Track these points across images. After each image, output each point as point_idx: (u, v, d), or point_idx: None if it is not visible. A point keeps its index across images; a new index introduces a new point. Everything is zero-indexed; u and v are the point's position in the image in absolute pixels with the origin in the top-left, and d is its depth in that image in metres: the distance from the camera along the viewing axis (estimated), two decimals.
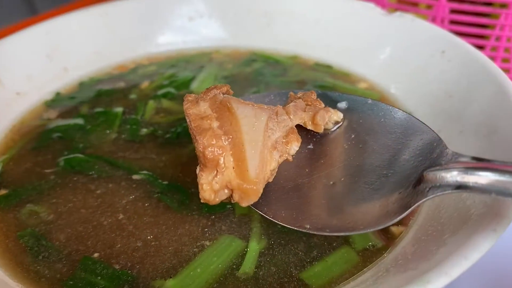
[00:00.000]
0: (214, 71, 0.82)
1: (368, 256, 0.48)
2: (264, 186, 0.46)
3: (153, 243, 0.51)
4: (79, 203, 0.56)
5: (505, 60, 0.85)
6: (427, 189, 0.42)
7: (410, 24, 0.76)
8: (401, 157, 0.49)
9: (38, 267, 0.49)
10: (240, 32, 0.90)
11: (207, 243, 0.50)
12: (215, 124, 0.46)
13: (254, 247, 0.50)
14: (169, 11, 0.89)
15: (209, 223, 0.52)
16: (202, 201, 0.46)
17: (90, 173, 0.60)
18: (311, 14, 0.87)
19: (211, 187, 0.45)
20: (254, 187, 0.45)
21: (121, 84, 0.80)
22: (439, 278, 0.35)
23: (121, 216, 0.54)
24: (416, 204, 0.42)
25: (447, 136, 0.59)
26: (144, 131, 0.67)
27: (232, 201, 0.46)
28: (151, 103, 0.73)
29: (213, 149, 0.44)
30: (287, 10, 0.88)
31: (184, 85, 0.78)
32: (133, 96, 0.76)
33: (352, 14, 0.83)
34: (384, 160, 0.50)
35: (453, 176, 0.40)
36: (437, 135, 0.49)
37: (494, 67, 0.61)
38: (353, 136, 0.55)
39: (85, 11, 0.84)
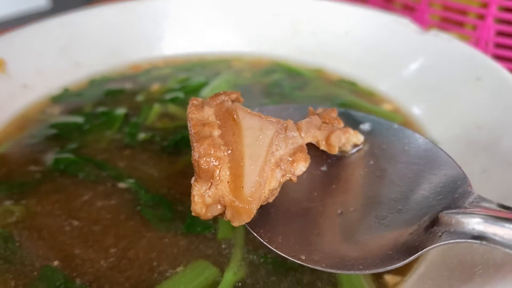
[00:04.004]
0: (229, 78, 0.78)
1: None
2: (259, 207, 0.41)
3: (121, 259, 0.47)
4: (56, 206, 0.53)
5: None
6: (440, 233, 0.37)
7: (445, 45, 0.69)
8: (419, 192, 0.44)
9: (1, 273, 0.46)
10: (264, 39, 0.85)
11: (179, 267, 0.46)
12: (217, 132, 0.42)
13: (230, 277, 0.45)
14: (192, 13, 0.86)
15: (187, 245, 0.48)
16: (193, 214, 0.41)
17: (77, 175, 0.57)
18: (341, 25, 0.82)
19: (203, 200, 0.40)
20: (247, 207, 0.40)
21: (131, 85, 0.77)
22: None
23: (95, 225, 0.50)
24: (425, 250, 0.37)
25: (469, 173, 0.52)
26: (142, 136, 0.64)
27: (225, 219, 0.41)
28: (157, 107, 0.70)
29: (209, 159, 0.40)
30: (315, 19, 0.84)
31: (194, 91, 0.74)
32: (140, 98, 0.73)
33: (385, 29, 0.77)
34: (401, 193, 0.45)
35: (472, 223, 0.35)
36: (463, 172, 0.43)
37: None
38: (372, 162, 0.49)
39: (107, 7, 0.82)
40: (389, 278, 0.44)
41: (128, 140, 0.63)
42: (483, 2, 0.78)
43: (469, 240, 0.35)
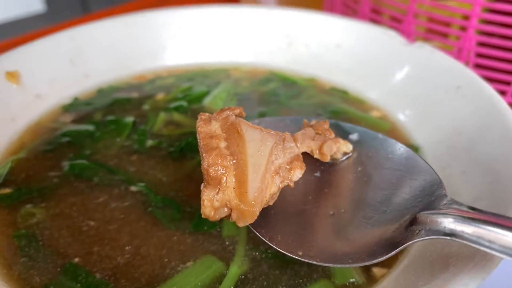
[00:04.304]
0: (229, 87, 0.83)
1: None
2: (261, 209, 0.46)
3: (136, 255, 0.51)
4: (74, 208, 0.57)
5: None
6: (417, 231, 0.42)
7: (428, 56, 0.74)
8: (401, 196, 0.49)
9: (25, 268, 0.50)
10: (261, 51, 0.90)
11: (189, 262, 0.51)
12: (223, 144, 0.47)
13: (235, 270, 0.50)
14: (193, 26, 0.91)
15: (195, 243, 0.53)
16: (202, 216, 0.47)
17: (91, 180, 0.61)
18: (332, 37, 0.87)
19: (211, 204, 0.46)
20: (251, 209, 0.45)
21: (137, 94, 0.81)
22: None
23: (111, 225, 0.55)
24: (405, 245, 0.42)
25: (449, 175, 0.59)
26: (150, 142, 0.68)
27: (231, 220, 0.47)
28: (162, 115, 0.74)
29: (217, 168, 0.45)
30: (309, 32, 0.89)
31: (197, 100, 0.79)
32: (146, 107, 0.78)
33: (373, 41, 0.83)
34: (385, 196, 0.51)
35: (444, 222, 0.40)
36: (439, 178, 0.49)
37: (506, 109, 0.59)
38: (360, 169, 0.55)
39: (111, 20, 0.87)
40: (376, 271, 0.49)
41: (137, 147, 0.68)
42: (465, 15, 0.83)
43: (442, 237, 0.40)
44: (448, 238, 0.39)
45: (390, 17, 0.95)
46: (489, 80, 0.79)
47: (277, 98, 0.80)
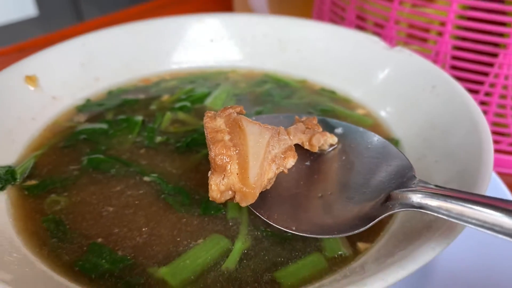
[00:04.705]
0: (228, 89, 0.90)
1: (335, 263, 0.55)
2: (260, 192, 0.55)
3: (152, 236, 0.58)
4: (94, 197, 0.64)
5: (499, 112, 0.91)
6: (391, 206, 0.51)
7: (407, 59, 0.82)
8: (378, 179, 0.58)
9: (55, 248, 0.57)
10: (256, 55, 0.97)
11: (199, 240, 0.58)
12: (227, 137, 0.55)
13: (239, 246, 0.57)
14: (193, 32, 0.98)
15: (203, 224, 0.60)
16: (210, 199, 0.55)
17: (108, 172, 0.68)
18: (321, 43, 0.94)
19: (218, 188, 0.54)
20: (252, 191, 0.53)
21: (144, 96, 0.88)
22: (375, 282, 0.43)
23: (128, 210, 0.62)
24: (381, 217, 0.51)
25: (424, 164, 0.66)
26: (158, 139, 0.75)
27: (234, 201, 0.55)
28: (168, 115, 0.81)
29: (222, 157, 0.53)
30: (299, 38, 0.96)
31: (199, 100, 0.86)
32: (153, 107, 0.85)
33: (358, 46, 0.90)
34: (365, 180, 0.59)
35: (413, 197, 0.49)
36: (410, 163, 0.57)
37: (474, 106, 0.66)
38: (344, 158, 0.63)
39: (119, 28, 0.94)
40: (361, 245, 0.57)
41: (147, 142, 0.74)
42: (442, 22, 0.92)
43: (411, 209, 0.48)
44: (416, 209, 0.47)
45: (374, 24, 1.02)
46: (464, 80, 0.88)
47: (272, 98, 0.87)
